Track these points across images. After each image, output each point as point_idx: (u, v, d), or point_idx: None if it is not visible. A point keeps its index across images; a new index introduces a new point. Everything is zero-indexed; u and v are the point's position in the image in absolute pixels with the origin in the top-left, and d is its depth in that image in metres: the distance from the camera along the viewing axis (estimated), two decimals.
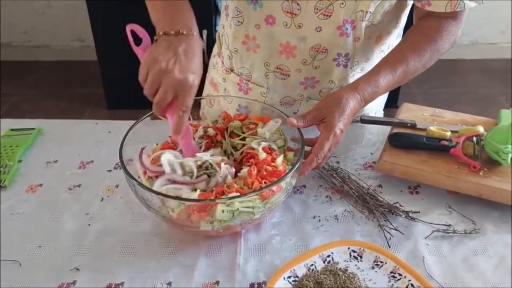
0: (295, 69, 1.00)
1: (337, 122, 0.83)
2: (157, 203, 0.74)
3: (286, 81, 1.02)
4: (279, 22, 0.93)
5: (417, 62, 0.91)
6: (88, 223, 0.84)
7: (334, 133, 0.83)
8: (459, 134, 0.95)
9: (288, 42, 0.96)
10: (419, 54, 0.91)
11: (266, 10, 0.93)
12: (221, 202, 0.71)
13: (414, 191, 0.90)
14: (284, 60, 0.99)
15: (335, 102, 0.85)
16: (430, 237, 0.80)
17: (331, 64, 0.98)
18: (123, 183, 0.91)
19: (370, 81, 0.88)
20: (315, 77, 1.01)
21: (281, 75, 1.02)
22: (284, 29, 0.94)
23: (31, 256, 0.77)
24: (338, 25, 0.91)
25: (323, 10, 0.89)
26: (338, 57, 0.97)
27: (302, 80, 1.01)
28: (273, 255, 0.77)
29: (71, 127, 1.11)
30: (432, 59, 0.93)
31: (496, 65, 3.34)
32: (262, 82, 1.04)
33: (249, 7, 0.94)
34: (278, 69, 1.01)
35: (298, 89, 1.03)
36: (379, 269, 0.73)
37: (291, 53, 0.97)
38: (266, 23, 0.95)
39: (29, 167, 0.98)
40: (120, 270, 0.75)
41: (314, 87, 1.03)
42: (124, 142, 0.80)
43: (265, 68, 1.02)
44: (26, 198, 0.90)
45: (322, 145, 0.82)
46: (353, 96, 0.86)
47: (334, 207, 0.87)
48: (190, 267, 0.75)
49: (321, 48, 0.95)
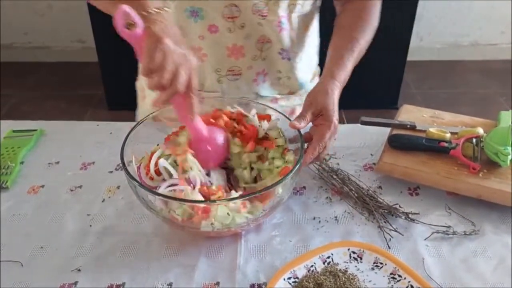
0: (246, 67, 1.03)
1: (333, 112, 0.86)
2: (159, 204, 0.74)
3: (239, 81, 1.05)
4: (222, 29, 0.97)
5: (364, 40, 0.97)
6: (89, 224, 0.84)
7: (334, 124, 0.86)
8: (458, 135, 0.95)
9: (235, 44, 0.99)
10: (363, 31, 0.98)
11: (207, 20, 0.96)
12: (221, 204, 0.72)
13: (414, 192, 0.91)
14: (234, 62, 1.02)
15: (324, 94, 0.87)
16: (429, 238, 0.80)
17: (277, 56, 1.04)
18: (124, 184, 0.91)
19: (340, 66, 0.92)
20: (264, 69, 1.05)
21: (233, 76, 1.04)
22: (228, 34, 0.97)
23: (32, 256, 0.78)
24: (276, 21, 0.97)
25: (260, 12, 0.95)
26: (281, 51, 1.03)
27: (254, 77, 1.05)
28: (273, 256, 0.78)
29: (72, 128, 1.11)
30: (371, 35, 1.00)
31: (496, 66, 3.34)
32: (216, 88, 1.06)
33: (190, 20, 0.96)
34: (230, 71, 1.03)
35: (251, 87, 1.06)
36: (379, 270, 0.74)
37: (240, 53, 1.00)
38: (210, 32, 0.97)
39: (30, 168, 0.98)
40: (121, 271, 0.75)
41: (266, 81, 1.07)
42: (125, 143, 0.81)
43: (216, 74, 1.04)
44: (28, 199, 0.90)
45: (323, 135, 0.84)
46: (334, 85, 0.89)
47: (334, 208, 0.87)
48: (190, 267, 0.76)
49: (266, 39, 1.00)
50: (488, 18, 3.25)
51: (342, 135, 1.06)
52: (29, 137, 1.05)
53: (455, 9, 3.21)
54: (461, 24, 3.29)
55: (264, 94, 1.09)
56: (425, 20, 3.23)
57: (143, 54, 0.68)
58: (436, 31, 3.32)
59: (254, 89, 1.07)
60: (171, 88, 0.69)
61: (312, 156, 0.83)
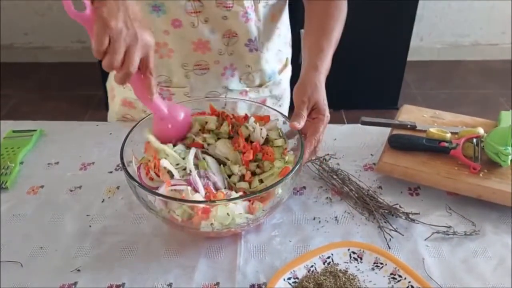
0: (213, 61, 1.03)
1: (325, 106, 0.87)
2: (159, 205, 0.74)
3: (207, 75, 1.05)
4: (186, 23, 0.96)
5: (339, 28, 0.98)
6: (89, 224, 0.84)
7: (327, 116, 0.86)
8: (459, 135, 0.95)
9: (200, 39, 0.99)
10: (336, 20, 0.98)
11: (170, 14, 0.95)
12: (221, 204, 0.72)
13: (414, 192, 0.90)
14: (201, 56, 1.02)
15: (314, 88, 0.87)
16: (430, 239, 0.80)
17: (244, 49, 1.04)
18: (124, 184, 0.91)
19: (321, 57, 0.92)
20: (233, 64, 1.05)
21: (200, 71, 1.04)
22: (192, 29, 0.97)
23: (32, 257, 0.78)
24: (242, 12, 0.97)
25: (224, 3, 0.95)
26: (249, 42, 1.03)
27: (222, 71, 1.05)
28: (273, 256, 0.77)
29: (72, 128, 1.11)
30: (343, 23, 1.00)
31: (496, 66, 3.34)
32: (184, 83, 1.06)
33: (153, 15, 0.96)
34: (197, 66, 1.03)
35: (220, 81, 1.06)
36: (379, 270, 0.74)
37: (206, 47, 1.00)
38: (174, 27, 0.97)
39: (30, 169, 0.98)
40: (120, 271, 0.75)
41: (234, 76, 1.07)
42: (125, 143, 0.81)
43: (183, 69, 1.04)
44: (28, 200, 0.90)
45: (317, 128, 0.85)
46: (320, 77, 0.89)
47: (334, 209, 0.87)
48: (190, 268, 0.75)
49: (232, 33, 1.00)
50: (488, 18, 3.25)
51: (342, 135, 1.06)
52: (29, 138, 1.05)
53: (456, 9, 3.21)
54: (461, 24, 3.29)
55: (233, 87, 1.09)
56: (426, 20, 3.23)
57: (93, 36, 0.68)
58: (436, 31, 3.32)
59: (223, 83, 1.07)
60: (123, 68, 0.69)
61: (309, 151, 0.84)
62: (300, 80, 0.90)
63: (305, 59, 0.94)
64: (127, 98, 1.13)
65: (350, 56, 0.95)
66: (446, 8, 3.21)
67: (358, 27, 1.02)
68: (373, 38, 2.56)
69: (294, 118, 0.85)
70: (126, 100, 1.13)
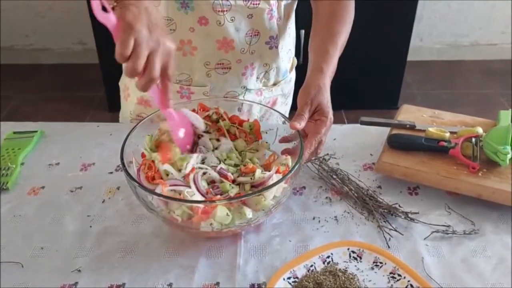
0: (235, 60, 1.04)
1: (329, 109, 0.88)
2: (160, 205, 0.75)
3: (228, 74, 1.05)
4: (212, 21, 0.97)
5: (345, 30, 0.98)
6: (89, 224, 0.84)
7: (330, 119, 0.87)
8: (458, 135, 0.95)
9: (225, 38, 1.00)
10: (343, 22, 0.98)
11: (198, 12, 0.96)
12: (220, 204, 0.72)
13: (414, 192, 0.91)
14: (224, 55, 1.02)
15: (318, 91, 0.88)
16: (429, 238, 0.80)
17: (264, 47, 1.05)
18: (124, 185, 0.92)
19: (327, 60, 0.92)
20: (253, 63, 1.06)
21: (222, 70, 1.05)
22: (218, 27, 0.98)
23: (33, 257, 0.78)
24: (267, 9, 0.98)
25: (252, 0, 0.96)
26: (270, 40, 1.04)
27: (243, 71, 1.06)
28: (273, 256, 0.78)
29: (72, 129, 1.12)
30: (350, 26, 1.00)
31: (496, 66, 3.34)
32: (205, 82, 1.06)
33: (181, 12, 0.96)
34: (219, 65, 1.04)
35: (240, 81, 1.07)
36: (378, 269, 0.74)
37: (230, 46, 1.01)
38: (200, 24, 0.98)
39: (31, 170, 0.98)
40: (121, 271, 0.75)
41: (253, 75, 1.08)
42: (125, 144, 0.81)
43: (205, 68, 1.04)
44: (28, 200, 0.90)
45: (319, 130, 0.86)
46: (326, 80, 0.90)
47: (334, 208, 0.87)
48: (190, 268, 0.76)
49: (254, 31, 1.01)
50: (488, 18, 3.25)
51: (342, 135, 1.07)
52: (30, 139, 1.05)
53: (455, 9, 3.21)
54: (461, 24, 3.29)
55: (251, 87, 1.09)
56: (425, 20, 3.23)
57: (117, 40, 0.68)
58: (436, 31, 3.32)
59: (242, 83, 1.08)
60: (146, 75, 0.69)
61: (309, 151, 0.84)
62: (305, 82, 0.90)
63: (310, 61, 0.95)
64: (144, 97, 1.13)
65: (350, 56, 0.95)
66: (446, 8, 3.21)
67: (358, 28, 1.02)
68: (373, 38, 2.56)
69: (295, 118, 0.85)
70: (143, 98, 1.13)
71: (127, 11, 0.68)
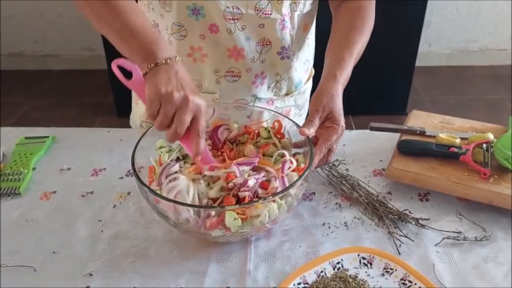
0: (245, 69, 1.03)
1: (340, 116, 0.88)
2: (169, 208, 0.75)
3: (238, 82, 1.05)
4: (223, 29, 0.97)
5: (362, 41, 0.98)
6: (101, 229, 0.85)
7: (342, 126, 0.88)
8: (468, 141, 0.95)
9: (236, 46, 1.00)
10: (361, 32, 0.98)
11: (209, 19, 0.96)
12: (230, 210, 0.72)
13: (424, 198, 0.90)
14: (234, 63, 1.02)
15: (330, 98, 0.88)
16: (440, 244, 0.80)
17: (276, 57, 1.04)
18: (135, 190, 0.92)
19: (342, 68, 0.92)
20: (263, 72, 1.06)
21: (232, 77, 1.05)
22: (229, 35, 0.98)
23: (45, 262, 0.79)
24: (279, 20, 0.98)
25: (263, 10, 0.96)
26: (281, 50, 1.04)
27: (253, 79, 1.06)
28: (283, 262, 0.78)
29: (83, 135, 1.13)
30: (368, 35, 1.01)
31: (505, 71, 3.33)
32: (214, 89, 1.06)
33: (191, 18, 0.96)
34: (229, 72, 1.04)
35: (250, 89, 1.07)
36: (389, 276, 0.74)
37: (240, 55, 1.01)
38: (211, 31, 0.98)
39: (43, 175, 0.99)
40: (132, 276, 0.76)
41: (264, 84, 1.07)
42: (136, 149, 0.82)
43: (215, 75, 1.04)
44: (40, 205, 0.91)
45: (329, 137, 0.86)
46: (338, 88, 0.90)
47: (344, 214, 0.87)
48: (201, 273, 0.76)
49: (266, 41, 1.01)
50: (497, 24, 3.24)
51: (351, 141, 1.07)
52: (41, 144, 1.06)
53: (464, 15, 3.21)
54: (470, 30, 3.28)
55: (261, 96, 1.09)
56: (434, 25, 3.23)
57: (145, 100, 0.75)
58: (444, 37, 3.32)
59: (252, 91, 1.07)
60: (173, 130, 0.74)
61: (319, 158, 0.84)
62: (318, 88, 0.91)
63: (325, 68, 0.95)
64: None
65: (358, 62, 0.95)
66: (454, 13, 3.20)
67: None
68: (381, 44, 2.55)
69: (305, 124, 0.85)
70: None
71: (157, 75, 0.74)
